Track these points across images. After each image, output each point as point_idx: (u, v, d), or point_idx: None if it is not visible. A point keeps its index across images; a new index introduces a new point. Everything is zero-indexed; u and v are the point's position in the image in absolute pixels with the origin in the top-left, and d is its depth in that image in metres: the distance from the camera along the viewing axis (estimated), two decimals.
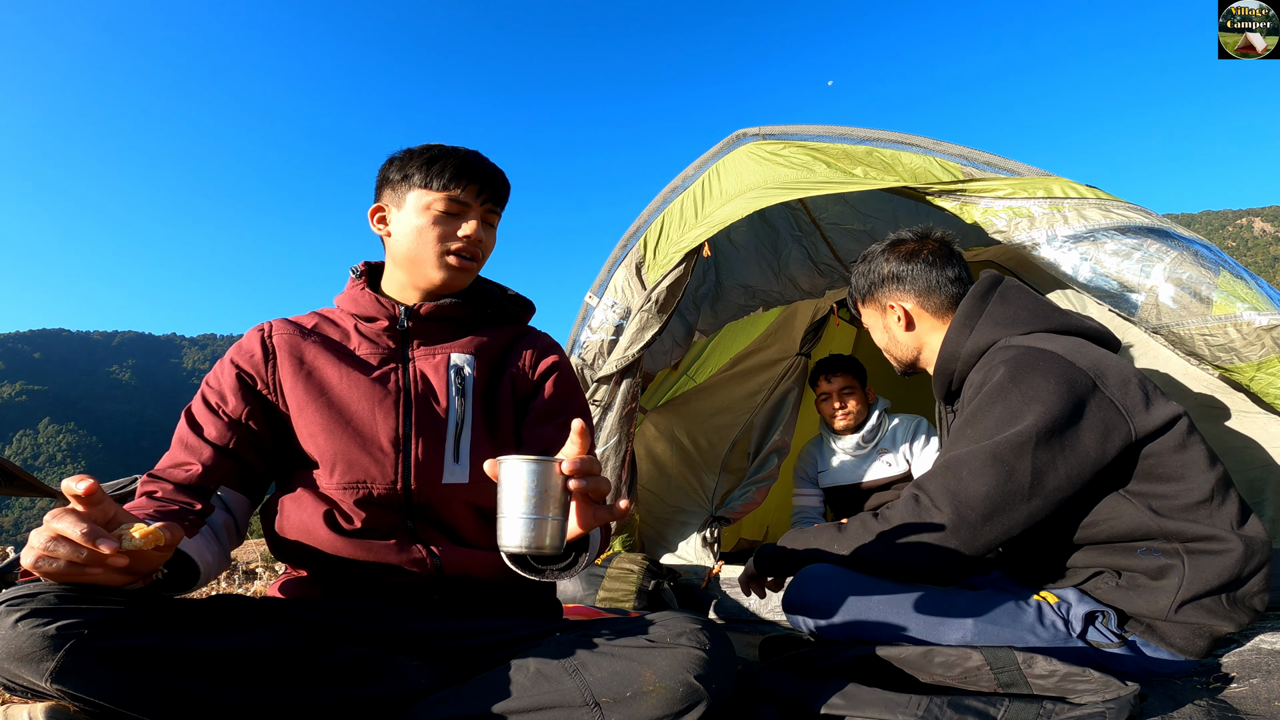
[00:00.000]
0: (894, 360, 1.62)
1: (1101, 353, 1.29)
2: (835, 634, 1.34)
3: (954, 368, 1.44)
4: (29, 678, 0.79)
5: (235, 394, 1.18)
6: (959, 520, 1.20)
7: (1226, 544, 1.15)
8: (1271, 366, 1.55)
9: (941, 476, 1.24)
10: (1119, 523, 1.21)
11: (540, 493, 0.79)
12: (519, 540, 0.79)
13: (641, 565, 2.31)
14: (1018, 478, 1.18)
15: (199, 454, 1.12)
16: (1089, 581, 1.26)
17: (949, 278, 1.50)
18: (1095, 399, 1.20)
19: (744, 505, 2.92)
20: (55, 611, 0.80)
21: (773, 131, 2.28)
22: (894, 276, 1.54)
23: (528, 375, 1.30)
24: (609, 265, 2.61)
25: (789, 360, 3.24)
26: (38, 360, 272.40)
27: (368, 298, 1.25)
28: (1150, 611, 1.18)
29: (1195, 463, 1.19)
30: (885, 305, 1.57)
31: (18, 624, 0.78)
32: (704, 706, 0.87)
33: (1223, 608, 1.16)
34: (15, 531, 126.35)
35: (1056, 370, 1.22)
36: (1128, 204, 1.73)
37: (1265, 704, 1.02)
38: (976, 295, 1.44)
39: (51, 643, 0.78)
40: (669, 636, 0.94)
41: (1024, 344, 1.30)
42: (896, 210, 2.69)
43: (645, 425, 3.08)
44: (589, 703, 0.88)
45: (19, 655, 0.78)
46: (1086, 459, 1.18)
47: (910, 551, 1.24)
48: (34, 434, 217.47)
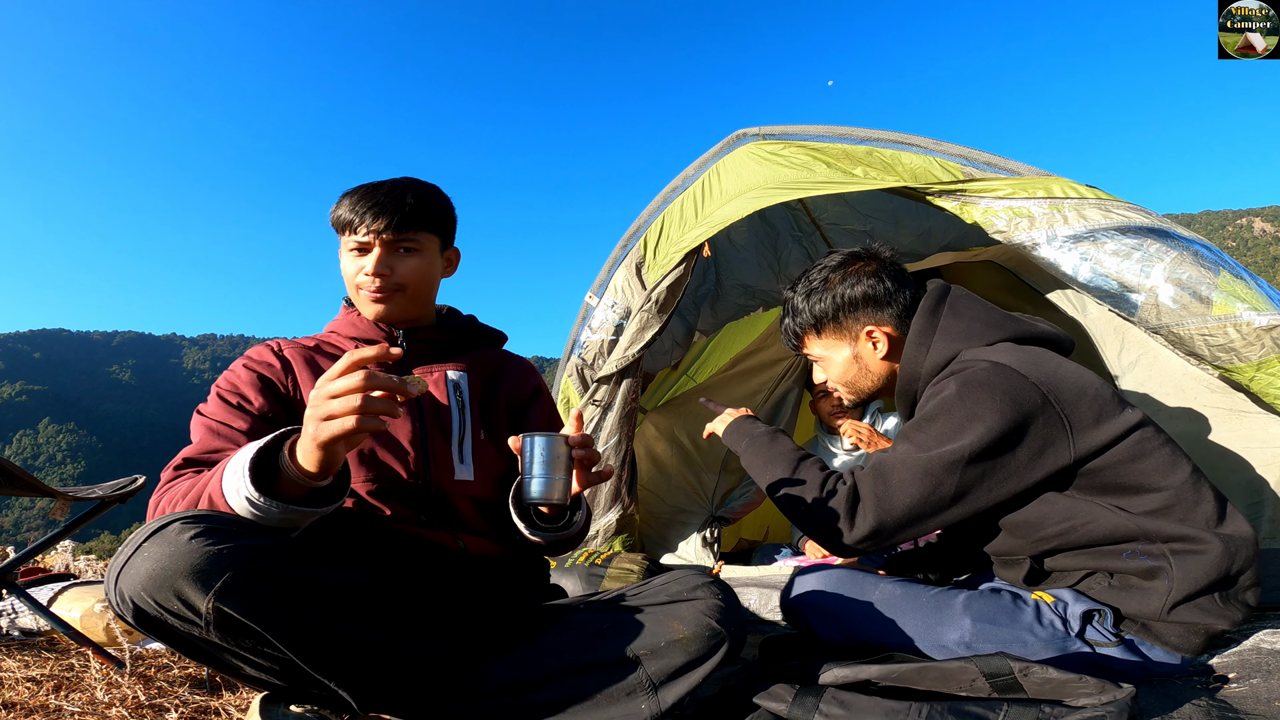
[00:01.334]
0: (852, 394, 1.51)
1: (1057, 363, 1.27)
2: (834, 634, 1.34)
3: (915, 388, 1.38)
4: (191, 597, 0.81)
5: (258, 392, 1.20)
6: (878, 525, 1.23)
7: (1205, 544, 1.15)
8: (1271, 366, 1.55)
9: (874, 479, 1.26)
10: (1095, 526, 1.21)
11: (553, 458, 1.05)
12: (538, 492, 1.04)
13: (641, 565, 2.31)
14: (942, 491, 1.21)
15: (235, 440, 1.13)
16: (1083, 582, 1.27)
17: (915, 297, 1.42)
18: (1043, 416, 1.19)
19: (744, 505, 2.92)
20: (226, 533, 0.86)
21: (773, 132, 2.28)
22: (871, 299, 1.41)
23: (521, 391, 1.44)
24: (609, 265, 2.61)
25: (789, 360, 3.24)
26: (38, 360, 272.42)
27: (366, 323, 1.33)
28: (1144, 612, 1.19)
29: (1156, 470, 1.19)
30: (858, 332, 1.43)
31: (192, 540, 0.82)
32: (726, 647, 1.01)
33: (1216, 606, 1.16)
34: (15, 531, 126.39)
35: (1004, 386, 1.20)
36: (1128, 204, 1.73)
37: (1265, 704, 1.02)
38: (926, 311, 1.38)
39: (223, 561, 0.82)
40: (685, 591, 1.08)
41: (980, 357, 1.28)
42: (896, 210, 2.69)
43: (645, 425, 3.08)
44: (631, 656, 1.00)
45: (190, 570, 0.81)
46: (1012, 476, 1.20)
47: (823, 526, 1.28)
48: (34, 434, 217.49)
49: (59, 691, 1.37)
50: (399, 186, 1.29)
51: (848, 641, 1.33)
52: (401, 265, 1.29)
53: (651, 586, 1.14)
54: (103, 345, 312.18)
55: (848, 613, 1.33)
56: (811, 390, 2.87)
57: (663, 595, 1.09)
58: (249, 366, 1.24)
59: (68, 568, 4.23)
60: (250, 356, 1.28)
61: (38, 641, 1.88)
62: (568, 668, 1.01)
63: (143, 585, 0.82)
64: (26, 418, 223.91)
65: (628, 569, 2.29)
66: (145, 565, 0.83)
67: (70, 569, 4.13)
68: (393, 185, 1.29)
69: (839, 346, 1.46)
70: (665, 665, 0.98)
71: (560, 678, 1.00)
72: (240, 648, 0.88)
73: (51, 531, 2.28)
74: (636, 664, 0.99)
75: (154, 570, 0.82)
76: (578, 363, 2.59)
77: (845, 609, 1.33)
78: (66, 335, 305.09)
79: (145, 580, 0.82)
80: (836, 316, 1.43)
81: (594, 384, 2.53)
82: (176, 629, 0.85)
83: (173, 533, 0.84)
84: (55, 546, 3.72)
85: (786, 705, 1.06)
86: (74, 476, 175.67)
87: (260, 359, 1.27)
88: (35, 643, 1.85)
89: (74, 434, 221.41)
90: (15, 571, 2.32)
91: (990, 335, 1.34)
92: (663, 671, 0.98)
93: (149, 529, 0.86)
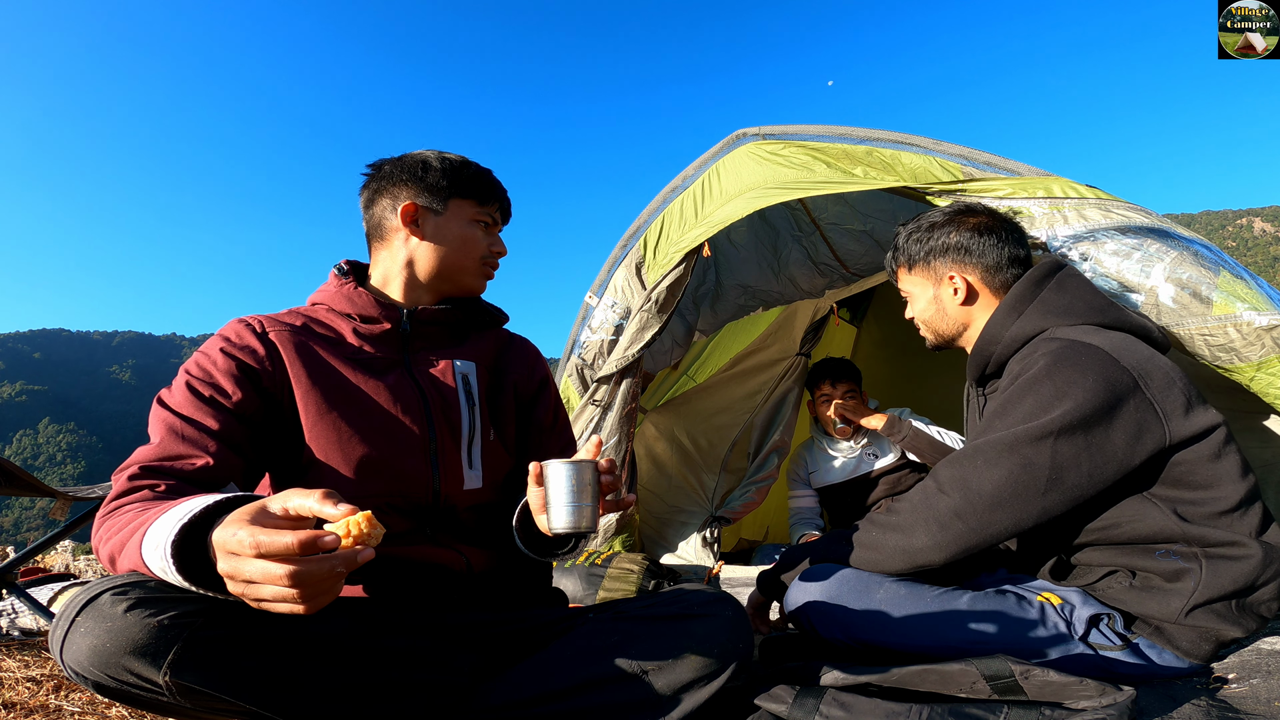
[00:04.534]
0: (931, 334, 1.58)
1: (1150, 352, 1.25)
2: (836, 633, 1.34)
3: (993, 350, 1.40)
4: (143, 671, 0.75)
5: (236, 384, 1.06)
6: (966, 506, 1.19)
7: (1246, 550, 1.14)
8: (1271, 366, 1.55)
9: (957, 464, 1.23)
10: (1141, 525, 1.19)
11: (582, 486, 0.99)
12: (566, 522, 0.98)
13: (641, 565, 2.30)
14: (1034, 470, 1.16)
15: (203, 445, 1.00)
16: (1101, 581, 1.25)
17: (1014, 257, 1.47)
18: (1134, 399, 1.17)
19: (744, 505, 2.92)
20: (163, 600, 0.78)
21: (773, 131, 2.28)
22: (961, 248, 1.48)
23: (529, 382, 1.37)
24: (609, 265, 2.61)
25: (789, 360, 3.24)
26: (38, 360, 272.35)
27: (365, 298, 1.22)
28: (1160, 614, 1.17)
29: (1228, 472, 1.18)
30: (942, 276, 1.51)
31: (128, 614, 0.76)
32: (735, 665, 0.99)
33: (1232, 613, 1.15)
34: (15, 531, 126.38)
35: (1096, 366, 1.18)
36: (1128, 204, 1.73)
37: (1265, 704, 1.02)
38: (1032, 280, 1.40)
39: (167, 634, 0.76)
40: (696, 606, 1.04)
41: (1069, 336, 1.26)
42: (896, 210, 2.69)
43: (645, 425, 3.08)
44: (637, 672, 0.97)
45: (134, 648, 0.75)
46: (1112, 459, 1.16)
47: (914, 535, 1.24)
48: (34, 434, 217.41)
49: (59, 691, 1.37)
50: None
51: (849, 641, 1.32)
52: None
53: (659, 600, 1.09)
54: (103, 345, 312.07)
55: (850, 612, 1.33)
56: (813, 392, 2.87)
57: (672, 610, 1.05)
58: (227, 352, 1.09)
59: (68, 568, 4.23)
60: (228, 338, 1.11)
61: (38, 641, 1.88)
62: (572, 684, 0.97)
63: (90, 661, 0.76)
64: (26, 418, 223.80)
65: (628, 569, 2.29)
66: (85, 642, 0.76)
67: (70, 569, 4.13)
68: (490, 172, 1.34)
69: (925, 285, 1.55)
70: (672, 681, 0.96)
71: (564, 695, 0.97)
72: (217, 706, 0.83)
73: (51, 531, 2.28)
74: (643, 680, 0.96)
75: (96, 646, 0.75)
76: (578, 363, 2.59)
77: (847, 608, 1.33)
78: (66, 335, 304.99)
79: (90, 656, 0.76)
80: (927, 258, 1.53)
81: (594, 384, 2.53)
82: (142, 697, 0.79)
83: (105, 606, 0.77)
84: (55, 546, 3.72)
85: (787, 706, 1.05)
86: (74, 476, 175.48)
87: (240, 342, 1.11)
88: (35, 643, 1.85)
89: (74, 434, 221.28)
90: (15, 571, 2.32)
91: (1086, 317, 1.32)
92: (670, 687, 0.96)
93: (80, 601, 0.78)
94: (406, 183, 1.25)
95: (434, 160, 1.26)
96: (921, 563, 1.24)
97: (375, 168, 1.28)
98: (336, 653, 0.91)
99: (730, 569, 2.48)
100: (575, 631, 1.07)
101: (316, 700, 0.87)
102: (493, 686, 1.00)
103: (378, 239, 1.28)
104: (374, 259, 1.30)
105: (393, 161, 1.27)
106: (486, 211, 1.29)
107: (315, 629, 0.90)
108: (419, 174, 1.24)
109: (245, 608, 0.80)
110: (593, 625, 1.07)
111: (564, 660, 1.01)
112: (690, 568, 2.59)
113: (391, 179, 1.26)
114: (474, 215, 1.28)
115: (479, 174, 1.29)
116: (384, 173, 1.27)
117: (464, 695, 0.99)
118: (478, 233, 1.28)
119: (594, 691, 0.97)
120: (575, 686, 0.97)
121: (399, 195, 1.25)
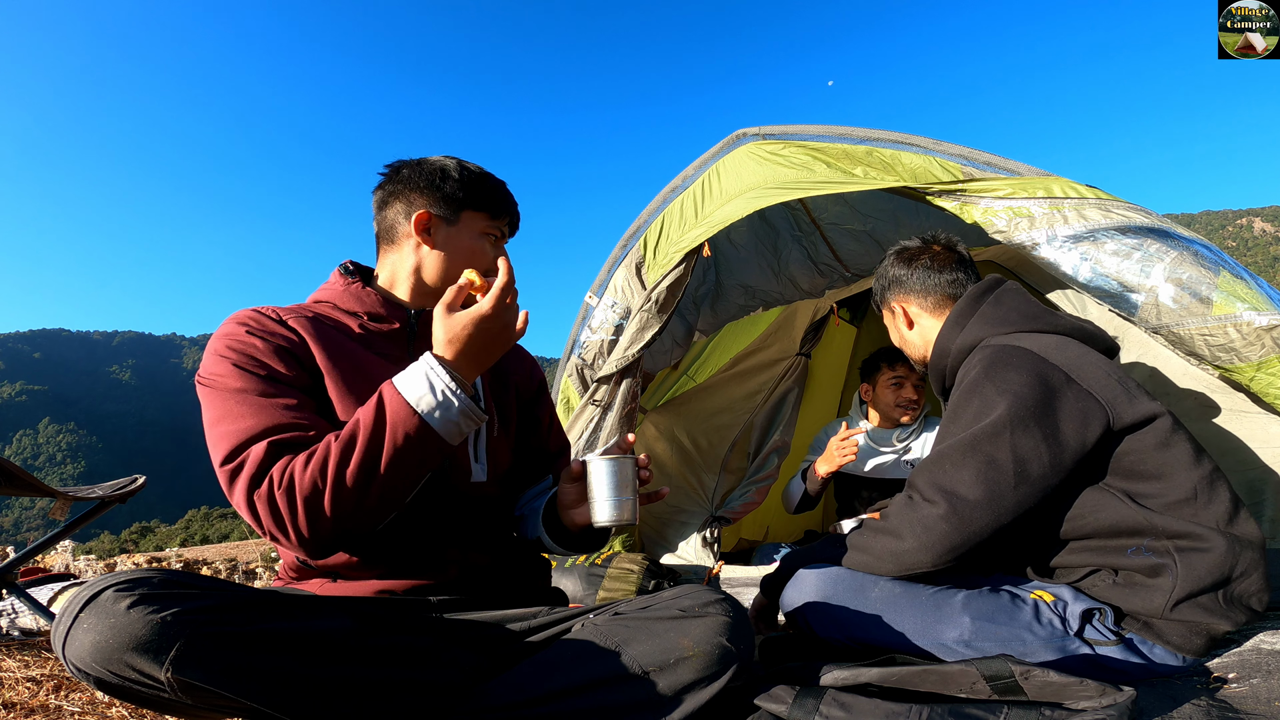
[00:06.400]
0: (912, 358, 1.73)
1: (1082, 350, 1.34)
2: (833, 633, 1.34)
3: (945, 363, 1.53)
4: (145, 668, 0.77)
5: (284, 363, 1.07)
6: (950, 508, 1.24)
7: (1208, 542, 1.16)
8: (1271, 366, 1.55)
9: (926, 473, 1.30)
10: (1103, 515, 1.23)
11: (624, 480, 1.08)
12: (609, 515, 1.07)
13: (641, 565, 2.31)
14: (1000, 466, 1.22)
15: (302, 408, 1.04)
16: (1086, 579, 1.27)
17: (947, 280, 1.60)
18: (1070, 390, 1.26)
19: (744, 505, 2.92)
20: (165, 597, 0.80)
21: (773, 131, 2.28)
22: (896, 280, 1.67)
23: (529, 385, 1.42)
24: (609, 265, 2.60)
25: (789, 360, 3.24)
26: (38, 360, 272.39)
27: (374, 298, 1.24)
28: (1146, 609, 1.19)
29: (1178, 461, 1.22)
30: (894, 308, 1.69)
31: (131, 610, 0.77)
32: (736, 666, 0.99)
33: (1219, 605, 1.17)
34: (15, 531, 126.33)
35: (1027, 364, 1.29)
36: (1128, 204, 1.73)
37: (1265, 704, 1.02)
38: (972, 296, 1.52)
39: (169, 630, 0.77)
40: (697, 607, 1.04)
41: (1002, 342, 1.37)
42: (897, 210, 2.68)
43: (645, 425, 3.08)
44: (638, 672, 0.97)
45: (137, 644, 0.76)
46: (1067, 447, 1.23)
47: (902, 538, 1.29)
48: (34, 434, 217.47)
49: (59, 691, 1.37)
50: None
51: (847, 641, 1.33)
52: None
53: (660, 600, 1.10)
54: (103, 345, 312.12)
55: (847, 612, 1.33)
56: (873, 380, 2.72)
57: (673, 610, 1.05)
58: (259, 334, 1.09)
59: (68, 568, 4.23)
60: (250, 326, 1.10)
61: (38, 641, 1.88)
62: (573, 684, 0.97)
63: (92, 658, 0.77)
64: (26, 418, 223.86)
65: (628, 569, 2.29)
66: (88, 638, 0.77)
67: (70, 569, 4.13)
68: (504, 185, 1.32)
69: (888, 318, 1.74)
70: (674, 682, 0.96)
71: (565, 695, 0.97)
72: (218, 703, 0.84)
73: (51, 531, 2.28)
74: (645, 680, 0.97)
75: (98, 642, 0.77)
76: (578, 363, 2.59)
77: (844, 608, 1.33)
78: (66, 335, 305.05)
79: (92, 653, 0.77)
80: (881, 295, 1.73)
81: (594, 384, 2.53)
82: (144, 693, 0.81)
83: (108, 602, 0.78)
84: (55, 546, 3.72)
85: (787, 707, 1.05)
86: (74, 476, 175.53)
87: (263, 328, 1.10)
88: (35, 643, 1.85)
89: (74, 434, 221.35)
90: (15, 571, 2.32)
91: (1020, 325, 1.41)
92: (671, 688, 0.96)
93: (83, 597, 0.80)
94: (423, 190, 1.24)
95: (453, 170, 1.25)
96: (910, 564, 1.28)
97: (393, 170, 1.28)
98: (338, 650, 0.91)
99: (730, 569, 2.48)
100: (575, 632, 1.07)
101: (317, 698, 0.88)
102: (493, 686, 1.00)
103: (387, 241, 1.28)
104: (381, 260, 1.30)
105: (411, 165, 1.27)
106: (497, 225, 1.29)
107: (317, 626, 0.90)
108: (437, 182, 1.24)
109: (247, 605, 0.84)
110: (593, 625, 1.07)
111: (565, 660, 1.01)
112: (690, 568, 2.59)
113: (409, 184, 1.25)
114: (484, 228, 1.27)
115: (495, 187, 1.29)
116: (401, 176, 1.26)
117: (464, 695, 0.99)
118: (486, 245, 1.28)
119: (595, 692, 0.97)
120: (576, 686, 0.97)
121: (414, 202, 1.25)
